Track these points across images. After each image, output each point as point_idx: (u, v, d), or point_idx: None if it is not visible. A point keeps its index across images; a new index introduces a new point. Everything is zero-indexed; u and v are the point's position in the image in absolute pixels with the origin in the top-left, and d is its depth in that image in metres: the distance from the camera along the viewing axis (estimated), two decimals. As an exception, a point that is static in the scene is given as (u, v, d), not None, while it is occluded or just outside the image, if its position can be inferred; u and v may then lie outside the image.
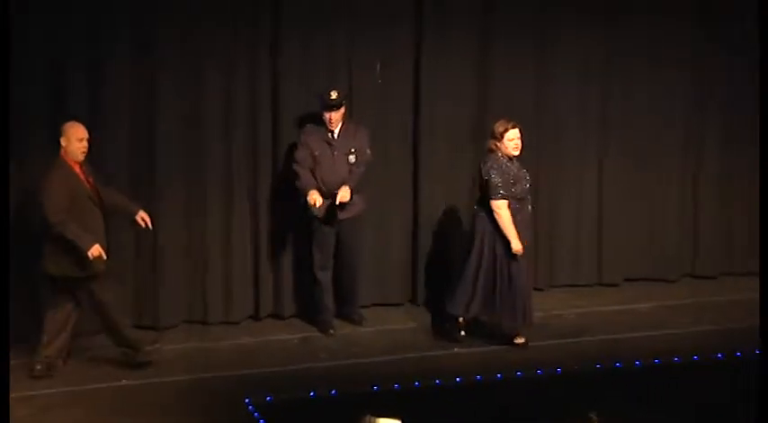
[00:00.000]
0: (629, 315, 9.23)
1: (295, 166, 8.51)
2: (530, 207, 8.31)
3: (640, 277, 10.07)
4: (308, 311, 8.93)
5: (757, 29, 8.91)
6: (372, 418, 6.26)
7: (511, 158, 8.17)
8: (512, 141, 8.11)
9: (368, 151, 8.59)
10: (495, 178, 8.07)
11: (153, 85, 8.50)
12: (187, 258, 8.82)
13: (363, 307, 9.09)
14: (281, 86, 8.82)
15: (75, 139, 7.51)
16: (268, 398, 7.31)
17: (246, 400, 7.27)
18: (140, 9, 8.39)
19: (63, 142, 7.49)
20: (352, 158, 8.53)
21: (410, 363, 8.05)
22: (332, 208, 8.44)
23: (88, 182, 7.58)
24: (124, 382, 7.68)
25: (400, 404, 7.13)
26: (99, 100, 8.37)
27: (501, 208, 8.10)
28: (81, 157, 7.56)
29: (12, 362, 7.07)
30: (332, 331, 8.66)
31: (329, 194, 8.45)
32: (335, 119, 8.46)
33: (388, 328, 8.84)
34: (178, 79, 8.56)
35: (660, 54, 9.73)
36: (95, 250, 7.37)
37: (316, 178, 8.47)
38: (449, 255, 9.36)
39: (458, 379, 7.66)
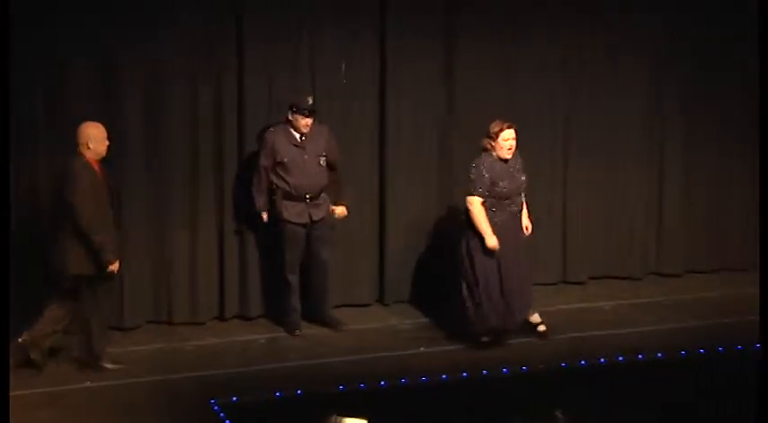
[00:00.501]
0: (594, 313, 9.24)
1: (256, 176, 8.53)
2: (516, 208, 8.28)
3: (605, 275, 10.08)
4: (276, 312, 8.91)
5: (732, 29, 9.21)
6: (339, 418, 6.32)
7: (505, 159, 8.19)
8: (506, 142, 8.15)
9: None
10: (474, 175, 8.14)
11: (115, 88, 8.47)
12: (152, 258, 8.80)
13: (331, 308, 9.07)
14: (245, 87, 8.79)
15: (101, 139, 7.67)
16: (234, 398, 7.30)
17: (212, 401, 7.26)
18: (99, 11, 8.36)
19: (90, 144, 7.62)
20: (322, 161, 8.55)
21: (377, 363, 8.06)
22: (306, 212, 8.50)
23: (106, 180, 7.75)
24: (88, 383, 7.64)
25: (366, 404, 7.12)
26: (59, 102, 8.34)
27: (472, 204, 8.15)
28: (104, 155, 7.72)
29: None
30: (298, 332, 8.66)
31: (301, 198, 8.47)
32: (310, 124, 8.47)
33: (355, 329, 8.82)
34: (140, 81, 8.52)
35: (621, 52, 9.75)
36: (115, 267, 7.66)
37: (287, 183, 8.46)
38: (417, 254, 9.39)
39: (424, 378, 7.67)
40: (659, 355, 8.13)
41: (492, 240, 8.13)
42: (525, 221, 8.46)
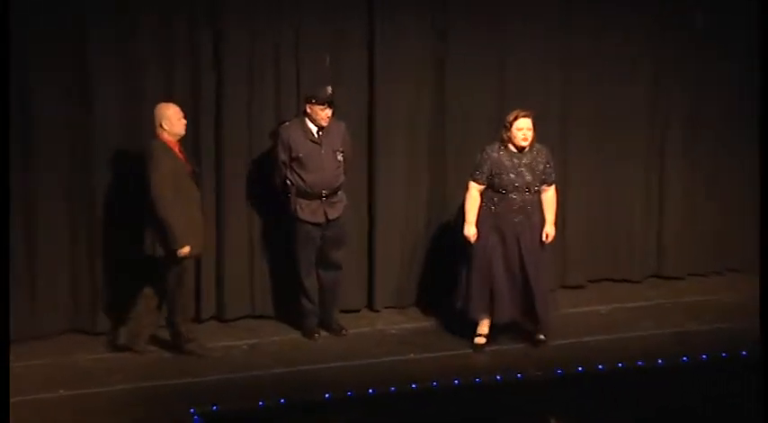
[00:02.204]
0: (592, 317, 9.24)
1: (276, 173, 8.53)
2: (528, 207, 8.24)
3: (604, 278, 10.08)
4: (286, 315, 8.90)
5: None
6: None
7: (520, 149, 8.16)
8: (520, 131, 8.12)
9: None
10: (477, 160, 8.21)
11: (88, 88, 8.42)
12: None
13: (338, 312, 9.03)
14: (224, 83, 8.74)
15: (177, 119, 7.96)
16: (214, 407, 7.28)
17: (191, 411, 7.23)
18: (74, 6, 8.33)
19: (165, 125, 7.90)
20: (340, 157, 8.51)
21: (365, 369, 8.06)
22: (321, 210, 8.46)
23: (187, 162, 8.01)
24: (62, 392, 7.60)
25: (353, 412, 7.16)
26: (32, 101, 8.31)
27: (468, 189, 8.25)
28: (183, 133, 8.03)
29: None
30: (317, 335, 8.64)
31: (317, 195, 8.43)
32: (330, 116, 8.42)
33: (342, 334, 8.79)
34: (116, 80, 8.48)
35: (620, 48, 9.74)
36: (185, 251, 7.90)
37: (302, 179, 8.41)
38: (408, 258, 9.37)
39: (413, 386, 7.65)
40: (660, 361, 8.12)
41: (468, 229, 8.18)
42: (547, 228, 8.38)
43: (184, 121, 8.00)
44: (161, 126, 7.92)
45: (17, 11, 7.86)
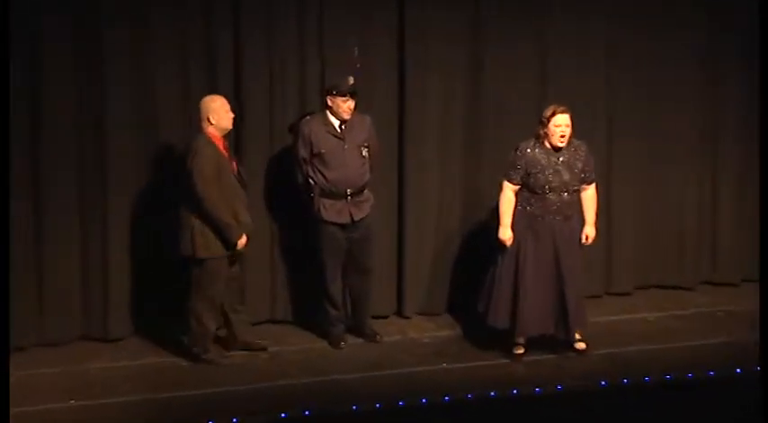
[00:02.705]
0: (639, 325, 9.09)
1: (297, 170, 8.38)
2: (567, 209, 8.09)
3: (654, 285, 9.92)
4: (319, 322, 8.73)
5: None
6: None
7: (556, 148, 8.01)
8: (558, 128, 7.97)
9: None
10: (511, 159, 8.11)
11: (102, 83, 8.34)
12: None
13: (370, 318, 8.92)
14: (243, 78, 8.61)
15: (224, 111, 7.88)
16: (234, 420, 7.20)
17: (210, 423, 7.15)
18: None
19: (213, 118, 7.83)
20: (365, 152, 8.34)
21: (394, 380, 7.95)
22: (346, 210, 8.31)
23: (231, 159, 7.98)
24: (72, 402, 7.50)
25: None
26: (42, 102, 8.24)
27: (503, 189, 8.14)
28: (231, 127, 7.98)
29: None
30: (343, 345, 8.51)
31: (341, 194, 8.25)
32: (352, 109, 8.27)
33: (369, 343, 8.64)
34: (130, 75, 8.39)
35: (670, 45, 9.59)
36: (243, 242, 7.91)
37: (325, 177, 8.25)
38: (440, 261, 9.20)
39: (446, 397, 7.56)
40: (711, 373, 7.96)
41: (503, 232, 8.08)
42: (587, 229, 8.25)
43: (232, 115, 7.92)
44: (208, 120, 7.82)
45: (29, 9, 7.94)
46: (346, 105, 8.21)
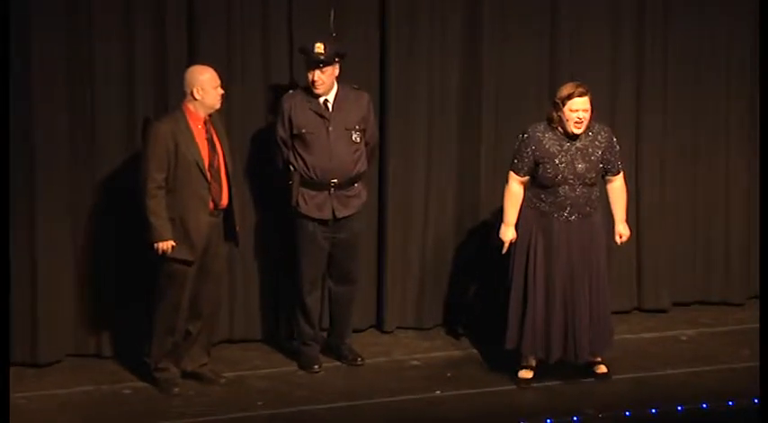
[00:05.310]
0: (672, 345, 8.78)
1: (276, 153, 7.92)
2: (587, 207, 7.66)
3: (694, 300, 9.48)
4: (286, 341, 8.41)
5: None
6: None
7: (572, 135, 7.59)
8: (575, 113, 7.55)
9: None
10: (517, 146, 7.73)
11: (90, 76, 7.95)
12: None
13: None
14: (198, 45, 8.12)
15: (212, 87, 7.35)
16: None
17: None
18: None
19: (197, 93, 7.30)
20: (356, 137, 7.78)
21: (374, 411, 7.59)
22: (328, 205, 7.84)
23: (214, 147, 7.45)
24: None
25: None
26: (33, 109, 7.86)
27: (508, 181, 7.77)
28: (218, 107, 7.46)
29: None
30: (317, 367, 8.03)
31: (324, 185, 7.71)
32: (323, 81, 7.66)
33: (349, 366, 8.27)
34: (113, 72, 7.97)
35: (712, 51, 9.22)
36: (164, 246, 7.32)
37: (305, 163, 7.73)
38: (427, 267, 8.77)
39: None
40: (755, 400, 7.44)
41: (504, 232, 7.70)
42: (618, 227, 7.90)
43: (221, 91, 7.40)
44: (192, 94, 7.29)
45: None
46: (312, 76, 7.64)
